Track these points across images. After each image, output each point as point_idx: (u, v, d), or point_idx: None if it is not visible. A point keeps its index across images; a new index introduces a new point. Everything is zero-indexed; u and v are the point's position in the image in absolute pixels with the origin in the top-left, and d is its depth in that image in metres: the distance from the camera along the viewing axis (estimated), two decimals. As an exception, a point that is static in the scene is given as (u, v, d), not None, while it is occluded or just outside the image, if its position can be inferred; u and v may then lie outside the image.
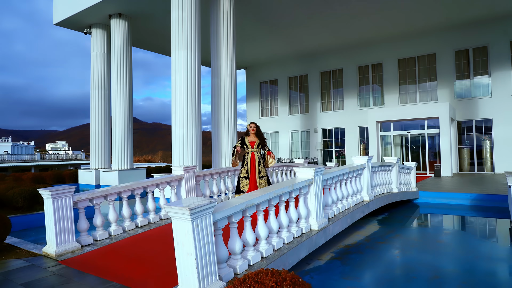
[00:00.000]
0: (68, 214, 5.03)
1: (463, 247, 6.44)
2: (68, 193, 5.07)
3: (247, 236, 4.06)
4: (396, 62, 20.87)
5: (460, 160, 19.19)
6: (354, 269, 5.22)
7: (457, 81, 19.24)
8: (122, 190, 5.92)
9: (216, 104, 12.82)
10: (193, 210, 3.18)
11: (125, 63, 16.12)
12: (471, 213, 9.65)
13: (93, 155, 17.36)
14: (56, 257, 4.86)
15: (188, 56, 11.53)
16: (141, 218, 6.17)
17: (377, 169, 8.32)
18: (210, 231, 3.39)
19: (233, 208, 3.77)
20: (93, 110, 17.36)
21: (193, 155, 11.42)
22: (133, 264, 4.56)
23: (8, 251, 5.29)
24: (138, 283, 3.88)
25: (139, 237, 5.68)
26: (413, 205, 10.92)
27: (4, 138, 66.54)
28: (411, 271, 5.15)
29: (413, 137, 19.14)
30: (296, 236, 4.92)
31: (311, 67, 23.91)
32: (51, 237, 5.01)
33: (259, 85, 26.60)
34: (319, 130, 23.68)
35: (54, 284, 3.94)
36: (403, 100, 20.72)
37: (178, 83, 11.54)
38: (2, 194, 9.61)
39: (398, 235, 7.19)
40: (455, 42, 19.01)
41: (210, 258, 3.34)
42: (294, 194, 4.94)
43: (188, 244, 3.25)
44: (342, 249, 6.16)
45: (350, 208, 6.63)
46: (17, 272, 4.38)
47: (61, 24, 17.19)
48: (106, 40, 17.38)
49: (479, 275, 4.91)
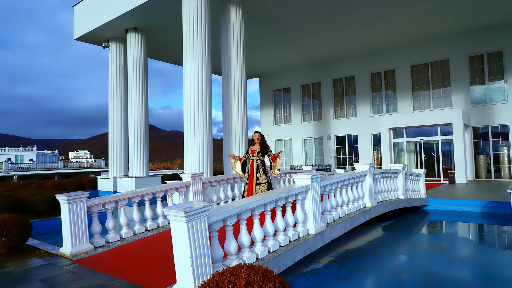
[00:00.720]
0: (82, 217, 5.46)
1: (462, 253, 6.53)
2: (82, 198, 5.50)
3: (243, 238, 4.36)
4: (409, 68, 20.84)
5: (476, 166, 18.92)
6: (351, 272, 5.42)
7: (471, 87, 19.05)
8: (132, 196, 6.33)
9: (227, 113, 13.21)
10: (188, 213, 3.52)
11: (141, 74, 16.78)
12: (479, 220, 9.64)
13: (111, 163, 18.04)
14: (71, 257, 5.28)
15: (199, 67, 12.00)
16: (150, 222, 6.56)
17: (381, 175, 8.47)
18: (205, 232, 3.71)
19: (228, 212, 4.09)
20: (111, 119, 18.08)
21: (204, 162, 11.82)
22: (141, 263, 4.92)
23: (29, 251, 5.76)
24: (143, 280, 4.24)
25: (148, 240, 6.06)
26: (423, 212, 10.95)
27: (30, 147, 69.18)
28: (406, 274, 5.32)
29: (426, 144, 19.02)
30: (293, 239, 5.18)
31: (323, 74, 24.12)
32: (67, 239, 5.44)
33: (273, 93, 26.96)
34: (332, 137, 23.78)
35: (68, 280, 4.33)
36: (417, 106, 20.64)
37: (190, 93, 12.00)
38: (26, 200, 10.23)
39: (400, 241, 7.32)
40: (469, 47, 18.88)
41: (204, 257, 3.66)
42: (291, 200, 5.22)
43: (184, 244, 3.58)
44: (342, 253, 6.36)
45: (351, 213, 6.83)
46: (36, 269, 4.81)
47: (81, 39, 18.07)
48: (123, 52, 18.13)
49: (472, 280, 5.05)
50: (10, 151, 65.02)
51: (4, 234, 5.43)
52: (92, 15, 16.91)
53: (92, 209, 5.74)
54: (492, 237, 8.09)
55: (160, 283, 4.11)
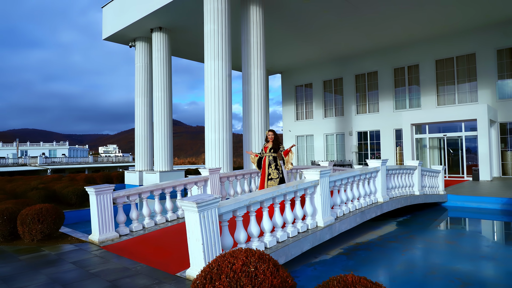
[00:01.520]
0: (109, 208, 5.98)
1: (471, 248, 6.62)
2: (109, 190, 6.02)
3: (252, 229, 4.71)
4: (433, 63, 20.44)
5: (503, 163, 18.42)
6: (358, 263, 5.68)
7: (499, 81, 18.51)
8: (154, 189, 6.81)
9: (247, 110, 13.57)
10: (199, 204, 3.90)
11: (165, 72, 17.40)
12: (497, 217, 9.56)
13: (137, 158, 18.85)
14: (99, 244, 5.81)
15: (220, 66, 12.40)
16: (170, 214, 7.03)
17: (395, 172, 8.59)
18: (215, 221, 4.08)
19: (237, 204, 4.44)
20: (137, 116, 18.86)
21: (224, 157, 12.26)
22: (160, 251, 5.38)
23: (62, 238, 6.36)
24: (161, 265, 4.67)
25: (168, 230, 6.53)
26: (441, 209, 10.94)
27: (62, 142, 72.44)
28: (411, 267, 5.52)
29: (450, 140, 18.68)
30: (301, 231, 5.49)
31: (345, 70, 24.02)
32: (95, 227, 5.98)
33: (295, 89, 27.09)
34: (354, 133, 23.70)
35: (96, 263, 4.84)
36: (441, 101, 20.25)
37: (210, 91, 12.44)
38: (59, 192, 11.02)
39: (412, 236, 7.46)
40: (497, 40, 18.32)
41: (215, 244, 4.03)
42: (300, 194, 5.52)
43: (196, 232, 3.97)
44: (351, 246, 6.60)
45: (362, 208, 7.05)
46: (67, 253, 5.36)
47: (110, 39, 18.90)
48: (149, 51, 18.82)
49: (475, 274, 5.18)
50: (44, 146, 68.31)
51: (40, 222, 6.03)
52: (120, 16, 17.65)
53: (117, 201, 6.25)
54: (506, 234, 8.07)
55: (176, 267, 4.53)
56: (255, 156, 7.48)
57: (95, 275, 4.33)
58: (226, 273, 2.60)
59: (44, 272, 4.49)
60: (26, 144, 68.41)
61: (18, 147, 60.46)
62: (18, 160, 44.21)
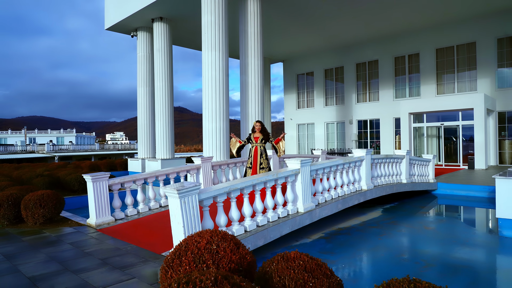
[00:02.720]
0: (104, 194, 6.43)
1: (446, 233, 6.98)
2: (104, 177, 6.47)
3: (232, 213, 5.12)
4: (434, 52, 20.46)
5: (501, 152, 18.59)
6: (335, 246, 6.09)
7: (499, 70, 18.54)
8: (148, 176, 7.25)
9: (245, 99, 13.89)
10: (180, 191, 4.30)
11: (167, 61, 17.72)
12: (482, 205, 9.88)
13: (140, 146, 19.35)
14: (96, 227, 6.28)
15: (217, 56, 12.69)
16: (164, 200, 7.47)
17: (381, 160, 8.92)
18: (196, 207, 4.49)
19: (218, 191, 4.84)
20: (139, 105, 19.28)
21: (220, 146, 12.66)
22: (151, 233, 5.84)
23: (62, 222, 6.85)
24: (150, 246, 5.13)
25: (160, 214, 6.99)
26: (430, 196, 11.28)
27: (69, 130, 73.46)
28: (384, 250, 5.91)
29: (447, 129, 18.86)
30: (282, 216, 5.89)
31: (346, 58, 24.10)
32: (92, 212, 6.45)
33: (296, 77, 27.25)
34: (354, 121, 23.92)
35: (91, 244, 5.30)
36: (441, 90, 20.34)
37: (208, 81, 12.77)
38: (62, 178, 11.54)
39: (394, 222, 7.84)
40: (497, 29, 18.27)
41: (195, 227, 4.45)
42: (280, 182, 5.90)
43: (178, 216, 4.39)
44: (333, 231, 7.01)
45: (345, 195, 7.42)
46: (66, 235, 5.84)
47: (112, 28, 19.20)
48: (150, 41, 19.12)
49: (440, 256, 5.56)
50: (52, 133, 69.40)
51: (42, 207, 6.51)
52: (121, 6, 17.91)
53: (113, 187, 6.70)
54: (485, 220, 8.40)
55: (163, 248, 4.97)
56: (237, 142, 7.84)
57: (89, 254, 4.79)
58: (192, 250, 3.00)
59: (44, 251, 4.96)
60: (34, 131, 69.56)
61: (26, 135, 61.57)
62: (26, 147, 45.17)
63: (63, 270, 4.19)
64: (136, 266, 4.28)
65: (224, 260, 2.92)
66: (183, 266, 2.88)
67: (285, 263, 2.61)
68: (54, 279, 3.89)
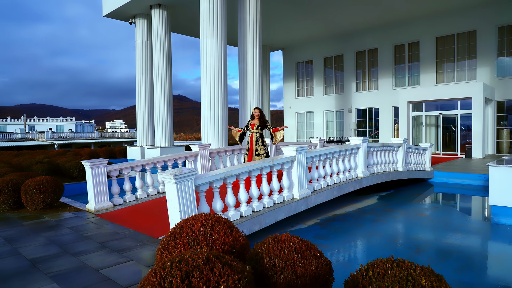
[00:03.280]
0: (102, 179, 6.52)
1: (439, 220, 7.10)
2: (103, 164, 6.54)
3: (228, 199, 5.21)
4: (434, 40, 20.35)
5: (499, 141, 18.67)
6: (330, 232, 6.20)
7: (498, 59, 18.48)
8: (146, 163, 7.32)
9: (243, 87, 13.89)
10: (176, 176, 4.38)
11: (165, 48, 17.63)
12: (478, 193, 9.99)
13: (139, 134, 19.41)
14: (95, 212, 6.39)
15: (215, 44, 12.65)
16: (162, 186, 7.57)
17: (377, 148, 8.99)
18: (192, 192, 4.58)
19: (214, 177, 4.92)
20: (138, 92, 19.27)
21: (219, 134, 12.72)
22: (148, 218, 5.94)
23: (62, 207, 6.96)
24: (147, 230, 5.23)
25: (158, 200, 7.09)
26: (426, 184, 11.39)
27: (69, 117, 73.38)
28: (377, 235, 6.02)
29: (445, 118, 18.89)
30: (277, 202, 5.99)
31: (346, 47, 23.97)
32: (91, 197, 6.55)
33: (296, 65, 27.13)
34: (354, 110, 23.93)
35: (90, 228, 5.41)
36: (440, 79, 20.31)
37: (206, 68, 12.75)
38: (62, 165, 11.63)
39: (388, 209, 7.95)
40: (498, 17, 18.15)
41: (191, 212, 4.55)
42: (276, 168, 5.98)
43: (175, 201, 4.48)
44: (329, 217, 7.13)
45: (340, 182, 7.51)
46: (66, 220, 5.95)
47: (110, 15, 19.05)
48: (148, 28, 18.99)
49: (432, 242, 5.68)
50: (51, 121, 69.34)
51: (41, 192, 6.60)
52: (119, -8, 17.73)
53: (111, 174, 6.78)
54: (478, 208, 8.52)
55: (160, 232, 5.08)
56: (237, 131, 7.94)
57: (88, 238, 4.90)
58: (186, 232, 3.09)
59: (44, 235, 5.07)
60: (34, 119, 69.46)
61: (25, 122, 61.53)
62: (26, 135, 45.21)
63: (63, 252, 4.30)
64: (134, 249, 4.39)
65: (218, 242, 3.01)
66: (178, 247, 2.97)
67: (275, 244, 2.70)
68: (54, 261, 4.00)
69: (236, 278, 2.12)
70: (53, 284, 3.39)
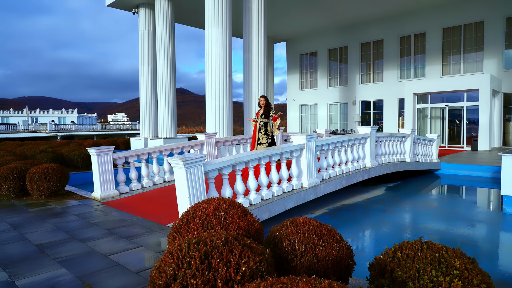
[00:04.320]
0: (109, 167, 6.43)
1: (449, 211, 6.99)
2: (109, 151, 6.45)
3: (238, 186, 5.12)
4: (440, 31, 20.07)
5: (505, 134, 18.49)
6: (339, 221, 6.11)
7: (506, 50, 18.22)
8: (152, 151, 7.23)
9: (248, 77, 13.73)
10: (186, 161, 4.28)
11: (169, 39, 17.45)
12: (486, 185, 9.87)
13: (142, 125, 19.31)
14: (101, 200, 6.31)
15: (220, 33, 12.47)
16: (168, 175, 7.48)
17: (386, 139, 8.87)
18: (201, 178, 4.48)
19: (223, 163, 4.82)
20: (142, 84, 19.12)
21: (224, 124, 12.60)
22: (155, 206, 5.86)
23: (67, 195, 6.88)
24: (154, 218, 5.15)
25: (164, 189, 7.00)
26: (433, 176, 11.27)
27: (71, 110, 73.29)
28: (387, 225, 5.93)
29: (451, 110, 18.70)
30: (286, 190, 5.89)
31: (351, 38, 23.70)
32: (97, 185, 6.47)
33: (299, 57, 26.89)
34: (358, 102, 23.73)
35: (97, 216, 5.33)
36: (446, 71, 20.07)
37: (211, 58, 12.59)
38: (66, 155, 11.56)
39: (397, 199, 7.86)
40: (507, 8, 17.85)
41: (200, 198, 4.45)
42: (285, 156, 5.87)
43: (184, 187, 4.38)
44: (337, 207, 7.03)
45: (349, 172, 7.40)
46: (72, 207, 5.87)
47: (113, 5, 18.85)
48: (152, 18, 18.78)
49: (444, 232, 5.58)
50: (54, 113, 69.31)
51: (47, 180, 6.52)
52: (122, -19, 17.51)
53: (117, 161, 6.69)
54: (488, 199, 8.41)
55: (168, 219, 4.99)
56: (252, 121, 7.83)
57: (95, 225, 4.82)
58: (200, 216, 3.00)
59: (50, 222, 4.99)
60: (36, 111, 69.44)
61: (28, 114, 61.48)
62: (29, 126, 45.18)
63: (70, 238, 4.22)
64: (142, 236, 4.30)
65: (232, 226, 2.91)
66: (191, 231, 2.87)
67: (294, 228, 2.60)
68: (61, 247, 3.92)
69: (258, 260, 2.02)
70: (62, 269, 3.31)
